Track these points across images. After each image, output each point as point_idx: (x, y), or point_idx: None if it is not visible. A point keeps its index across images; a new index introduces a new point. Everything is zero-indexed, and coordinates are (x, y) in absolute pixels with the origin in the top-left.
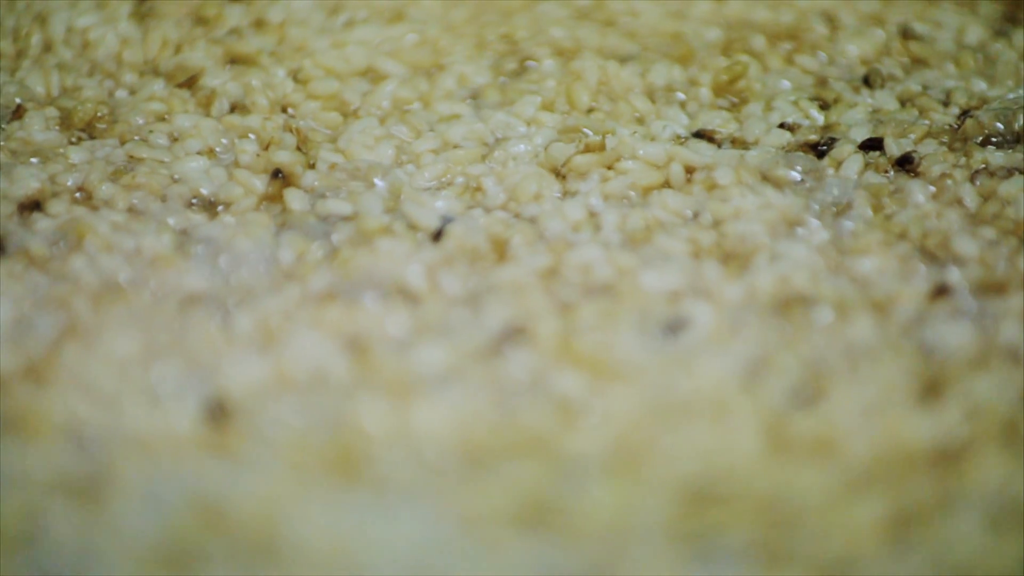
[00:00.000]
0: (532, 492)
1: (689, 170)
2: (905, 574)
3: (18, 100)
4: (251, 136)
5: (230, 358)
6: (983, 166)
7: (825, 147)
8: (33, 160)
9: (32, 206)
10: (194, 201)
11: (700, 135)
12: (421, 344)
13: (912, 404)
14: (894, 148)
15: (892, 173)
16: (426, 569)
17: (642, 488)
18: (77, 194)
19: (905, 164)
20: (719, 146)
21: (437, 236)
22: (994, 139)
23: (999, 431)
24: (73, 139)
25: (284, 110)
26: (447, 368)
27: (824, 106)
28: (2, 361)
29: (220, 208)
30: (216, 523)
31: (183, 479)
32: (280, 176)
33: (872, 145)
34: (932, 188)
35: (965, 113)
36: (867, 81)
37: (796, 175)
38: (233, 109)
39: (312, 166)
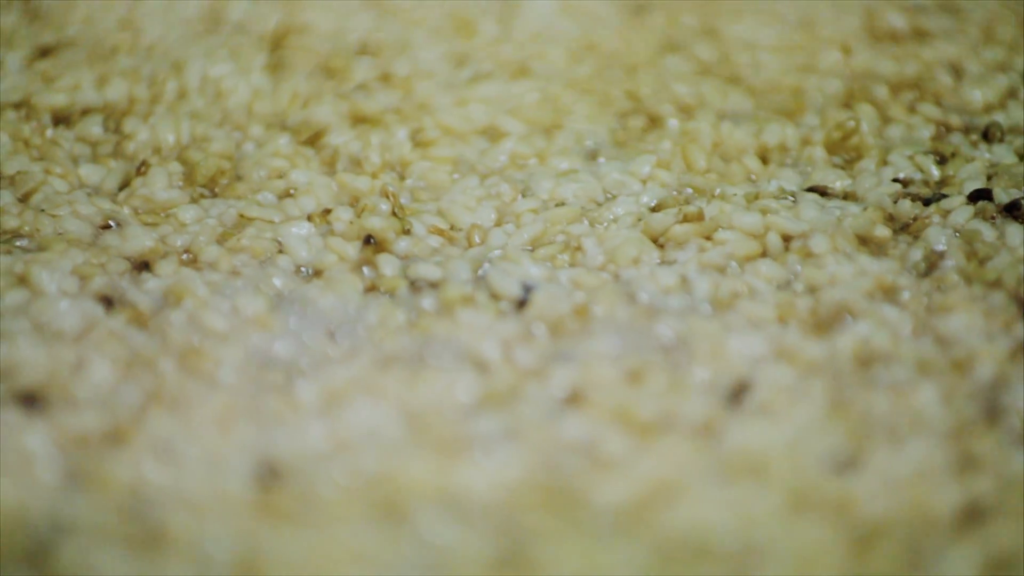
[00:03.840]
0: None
1: (786, 239)
2: None
3: (142, 156)
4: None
5: (292, 424)
6: None
7: (936, 200)
8: (151, 219)
9: (142, 266)
10: (288, 266)
11: (813, 190)
12: (483, 413)
13: (947, 476)
14: (1003, 196)
15: (999, 219)
16: None
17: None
18: (184, 255)
19: (1013, 210)
20: (830, 199)
21: (521, 304)
22: None
23: None
24: (195, 196)
25: (393, 169)
26: (504, 433)
27: (941, 160)
28: (89, 421)
29: (312, 273)
30: None
31: (232, 539)
32: (372, 242)
33: (981, 196)
34: None
35: None
36: (986, 135)
37: (892, 232)
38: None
39: (407, 232)
